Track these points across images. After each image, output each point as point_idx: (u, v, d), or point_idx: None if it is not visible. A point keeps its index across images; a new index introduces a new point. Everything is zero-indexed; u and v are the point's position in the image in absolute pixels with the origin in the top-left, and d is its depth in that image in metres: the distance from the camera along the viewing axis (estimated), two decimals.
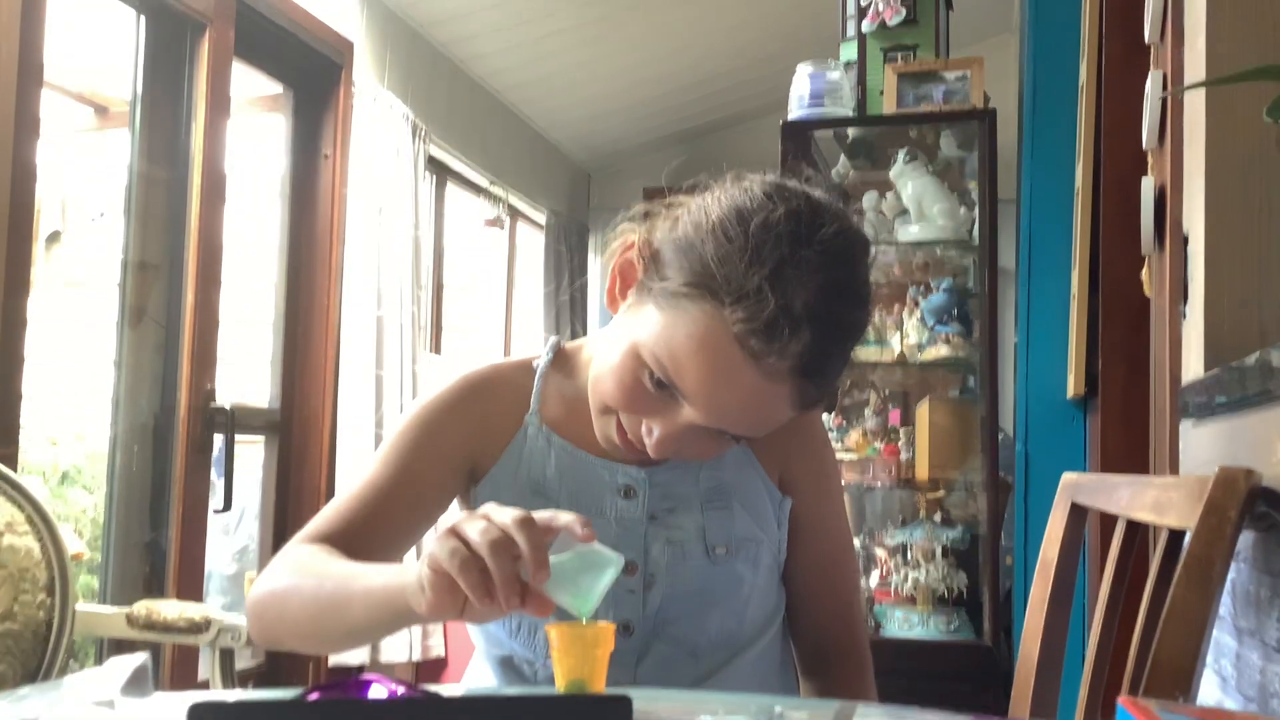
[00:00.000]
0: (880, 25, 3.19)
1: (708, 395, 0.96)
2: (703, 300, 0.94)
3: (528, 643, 1.11)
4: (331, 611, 0.93)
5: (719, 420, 0.98)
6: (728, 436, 1.01)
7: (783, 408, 0.98)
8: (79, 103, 3.82)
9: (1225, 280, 1.20)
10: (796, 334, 0.92)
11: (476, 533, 0.78)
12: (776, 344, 0.92)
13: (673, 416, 0.98)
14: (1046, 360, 2.84)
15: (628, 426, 1.02)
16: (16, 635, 1.77)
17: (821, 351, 0.94)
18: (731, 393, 0.95)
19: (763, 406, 0.97)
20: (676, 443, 1.00)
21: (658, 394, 0.98)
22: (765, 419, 1.00)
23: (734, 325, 0.92)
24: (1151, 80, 1.71)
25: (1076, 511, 1.25)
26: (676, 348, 0.95)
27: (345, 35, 3.44)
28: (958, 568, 3.06)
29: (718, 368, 0.94)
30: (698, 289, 0.94)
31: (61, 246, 4.24)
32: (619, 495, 1.10)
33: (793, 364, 0.93)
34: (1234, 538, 0.86)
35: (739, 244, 0.94)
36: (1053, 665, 1.19)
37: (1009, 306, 3.43)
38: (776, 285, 0.92)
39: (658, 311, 0.98)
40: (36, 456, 3.72)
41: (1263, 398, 0.96)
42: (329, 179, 3.39)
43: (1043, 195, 2.92)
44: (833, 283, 0.94)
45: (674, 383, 0.96)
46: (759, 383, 0.94)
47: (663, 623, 1.09)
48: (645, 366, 0.98)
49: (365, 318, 3.46)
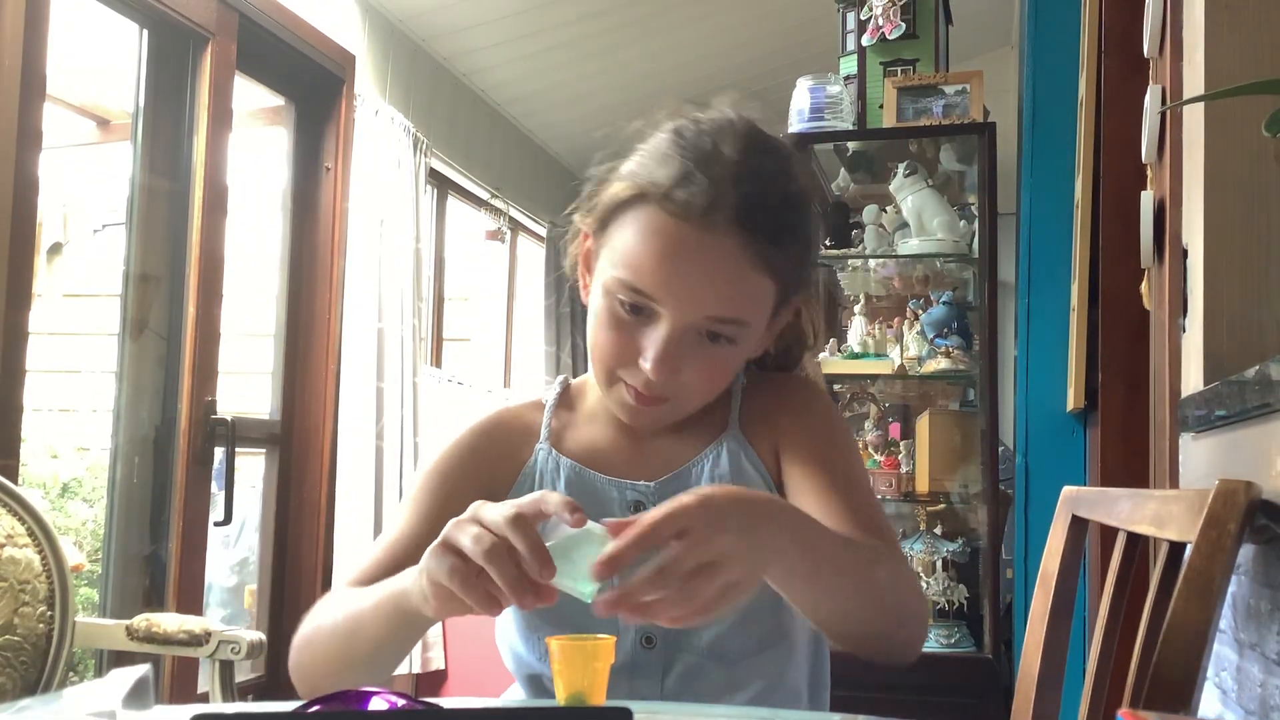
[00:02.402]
0: (880, 39, 3.20)
1: (667, 279, 0.99)
2: (633, 204, 1.01)
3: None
4: (350, 636, 0.96)
5: (692, 303, 0.99)
6: (722, 340, 1.02)
7: (745, 271, 1.00)
8: (81, 115, 3.83)
9: (1225, 293, 1.20)
10: (717, 182, 0.98)
11: (470, 541, 0.79)
12: (699, 192, 0.98)
13: (655, 329, 1.01)
14: (1046, 373, 2.84)
15: (628, 376, 1.04)
16: (16, 647, 1.77)
17: (751, 195, 0.99)
18: (686, 264, 0.99)
19: (722, 270, 0.99)
20: (672, 358, 1.01)
21: (636, 320, 1.02)
22: (735, 287, 1.01)
23: (662, 203, 0.99)
24: (1150, 94, 1.71)
25: (1077, 524, 1.25)
26: (625, 254, 1.01)
27: (347, 48, 3.46)
28: (958, 581, 3.05)
29: (661, 245, 0.99)
30: (628, 200, 1.02)
31: (63, 258, 4.26)
32: (630, 511, 1.10)
33: (727, 214, 0.98)
34: (1234, 551, 0.86)
35: (657, 148, 1.03)
36: (1054, 678, 1.19)
37: (1009, 319, 3.43)
38: (691, 155, 1.00)
39: (606, 246, 1.04)
40: (37, 468, 3.73)
41: (1262, 411, 0.96)
42: (330, 191, 3.40)
43: (1042, 208, 2.92)
44: (748, 137, 1.02)
45: (638, 289, 1.00)
46: (705, 241, 0.98)
47: (684, 631, 1.07)
48: (613, 297, 1.02)
49: (366, 330, 3.46)
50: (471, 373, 4.72)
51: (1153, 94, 1.70)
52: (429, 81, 4.04)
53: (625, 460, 1.15)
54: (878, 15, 3.20)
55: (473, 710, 0.85)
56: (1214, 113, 1.22)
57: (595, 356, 1.07)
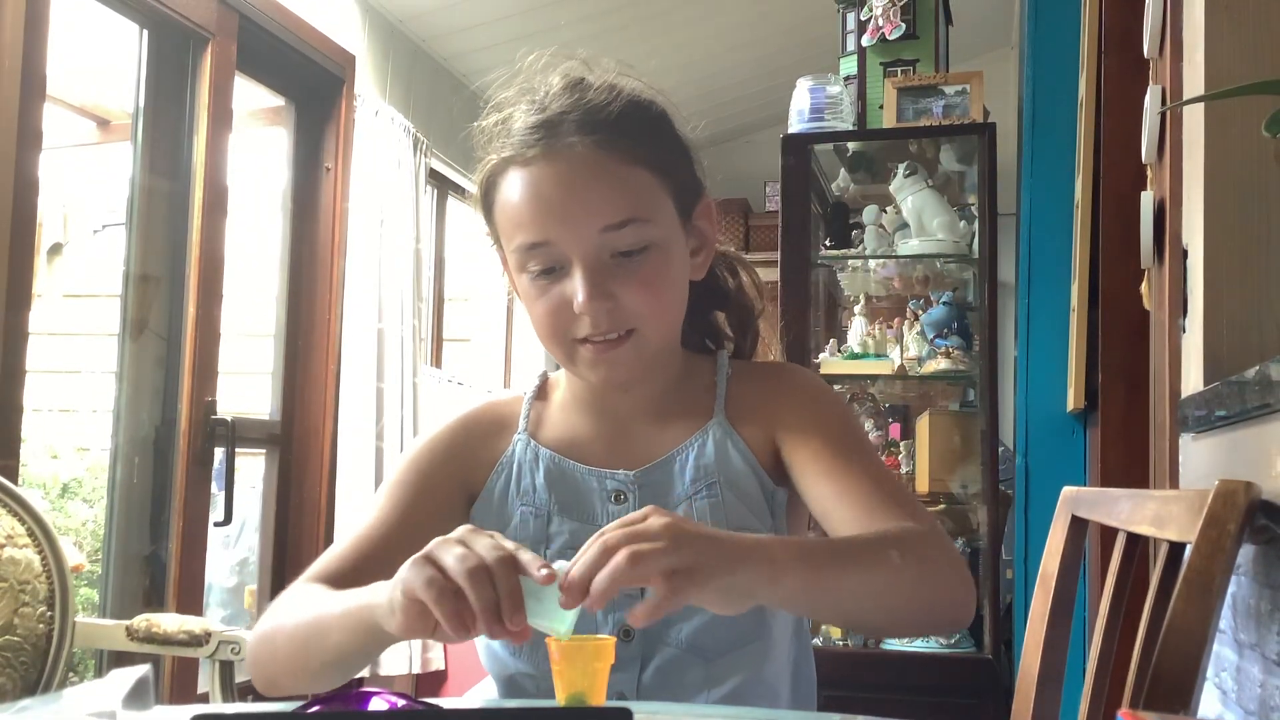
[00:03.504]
0: (880, 40, 3.20)
1: (547, 214, 1.02)
2: (492, 184, 1.07)
3: (530, 659, 1.10)
4: (311, 640, 0.95)
5: (581, 224, 1.01)
6: (636, 254, 1.03)
7: (609, 166, 1.02)
8: (81, 115, 3.83)
9: (1224, 294, 1.20)
10: (544, 111, 1.04)
11: (454, 560, 0.78)
12: (531, 129, 1.03)
13: (572, 271, 1.02)
14: (1046, 374, 2.84)
15: (577, 332, 1.05)
16: (16, 648, 1.77)
17: (584, 104, 1.04)
18: (554, 189, 1.02)
19: (588, 175, 1.02)
20: (599, 287, 1.02)
21: (553, 280, 1.04)
22: (608, 186, 1.02)
23: (509, 162, 1.04)
24: (1150, 94, 1.72)
25: (1077, 525, 1.25)
26: (507, 224, 1.05)
27: (347, 49, 3.46)
28: None
29: (525, 190, 1.03)
30: (487, 183, 1.07)
31: (63, 259, 4.25)
32: (610, 501, 1.10)
33: (566, 130, 1.02)
34: (1234, 551, 0.86)
35: (486, 134, 1.09)
36: (1053, 678, 1.19)
37: (1009, 320, 3.43)
38: (510, 115, 1.07)
39: (500, 238, 1.09)
40: (37, 469, 3.73)
41: (1262, 411, 0.96)
42: (330, 192, 3.40)
43: (1042, 209, 2.93)
44: (564, 74, 1.08)
45: (532, 243, 1.03)
46: (558, 161, 1.02)
47: (663, 625, 1.06)
48: (525, 272, 1.05)
49: (366, 330, 3.46)
50: (471, 373, 4.71)
51: (1153, 94, 1.71)
52: (429, 82, 4.04)
53: (605, 449, 1.14)
54: (878, 15, 3.20)
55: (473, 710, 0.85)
56: (1214, 113, 1.22)
57: (543, 335, 1.08)
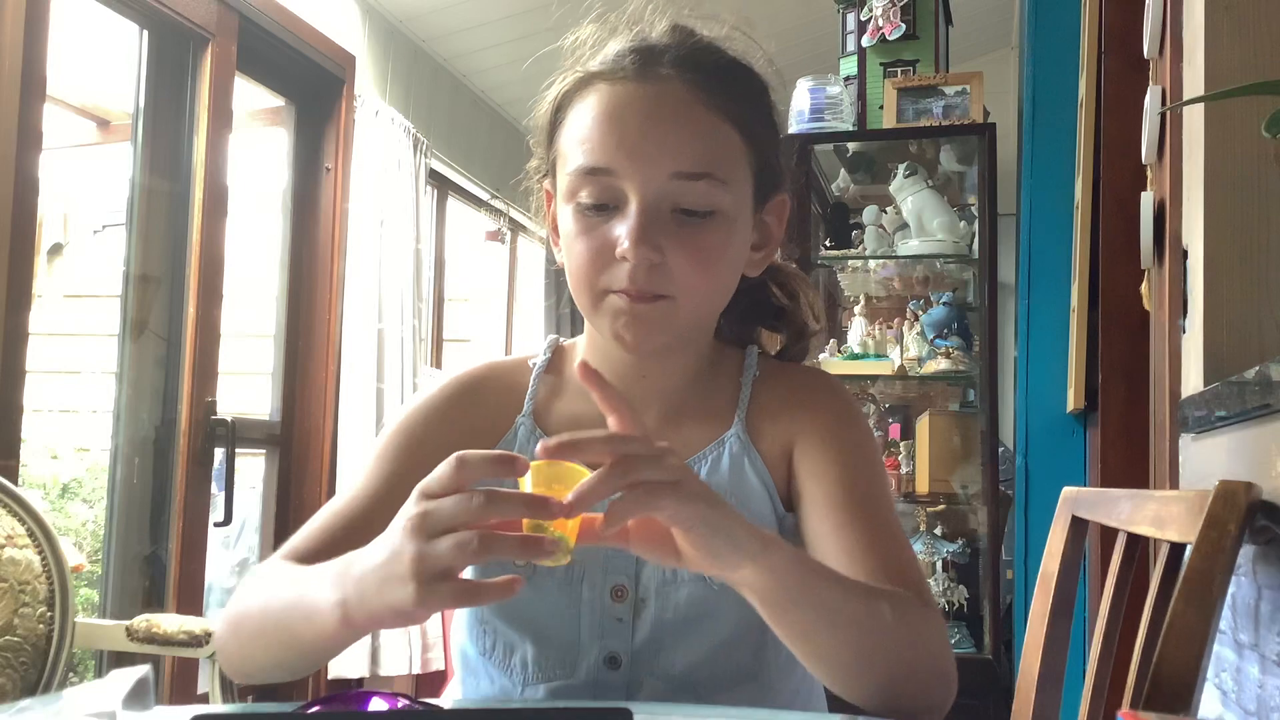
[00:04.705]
0: (880, 40, 3.20)
1: (618, 141, 0.92)
2: (570, 99, 0.96)
3: (503, 664, 1.01)
4: (283, 625, 0.84)
5: (652, 161, 0.91)
6: (699, 216, 0.92)
7: (699, 112, 0.93)
8: (81, 116, 3.83)
9: (1225, 294, 1.20)
10: (652, 42, 0.95)
11: (451, 504, 0.70)
12: (634, 52, 0.94)
13: (626, 212, 0.91)
14: (1046, 374, 2.84)
15: (612, 280, 0.93)
16: (16, 648, 1.77)
17: (694, 45, 0.96)
18: (635, 116, 0.92)
19: (675, 113, 0.92)
20: (650, 234, 0.90)
21: (604, 217, 0.93)
22: (693, 132, 0.93)
23: (598, 77, 0.95)
24: (1150, 95, 1.72)
25: (1077, 525, 1.25)
26: (573, 145, 0.94)
27: (347, 49, 3.46)
28: (958, 581, 3.05)
29: (603, 110, 0.93)
30: (565, 97, 0.97)
31: (63, 259, 4.26)
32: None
33: (669, 62, 0.93)
34: (1234, 551, 0.86)
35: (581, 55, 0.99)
36: (1054, 679, 1.19)
37: (1009, 320, 3.43)
38: (620, 38, 0.97)
39: (558, 161, 0.98)
40: (37, 469, 3.73)
41: (1262, 412, 0.96)
42: (330, 192, 3.40)
43: (1042, 209, 2.93)
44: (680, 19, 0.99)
45: (594, 168, 0.92)
46: (648, 90, 0.93)
47: (653, 653, 0.97)
48: (576, 202, 0.94)
49: (366, 331, 3.46)
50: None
51: (1153, 95, 1.71)
52: (429, 82, 4.04)
53: None
54: (878, 16, 3.20)
55: (473, 710, 0.85)
56: (1214, 113, 1.22)
57: (575, 277, 0.96)
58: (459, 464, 0.71)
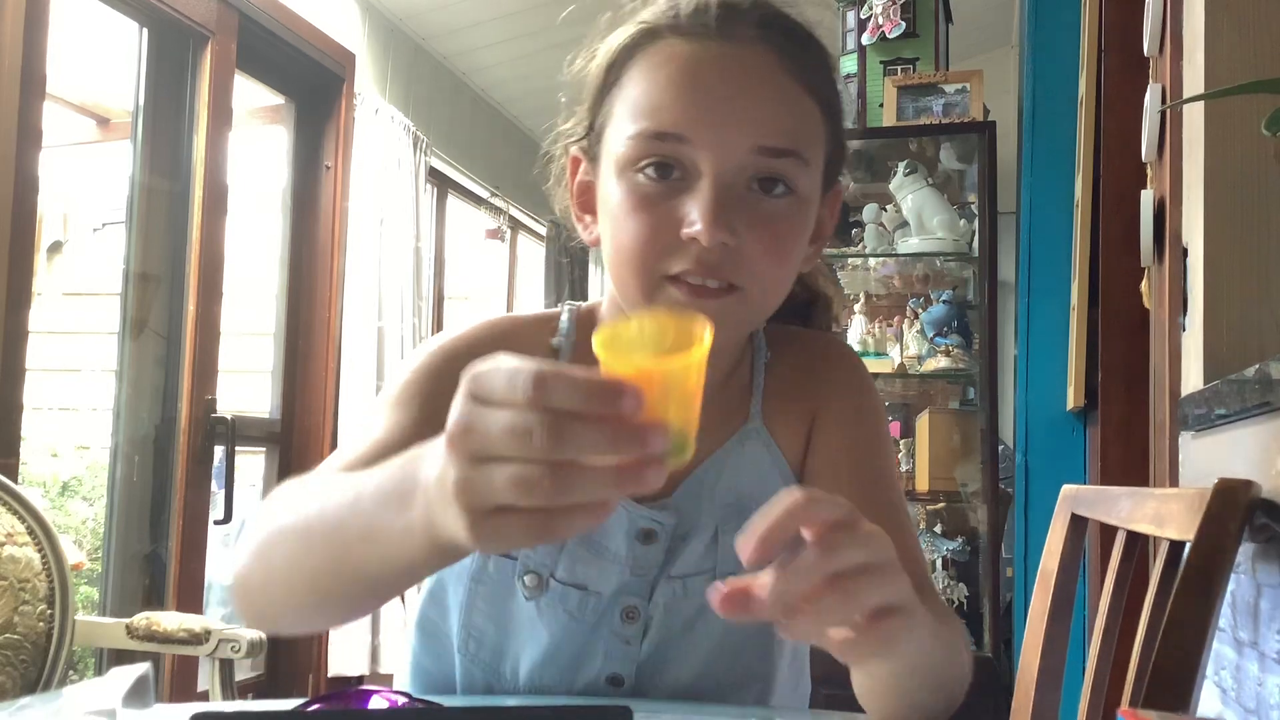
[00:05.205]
0: (880, 38, 3.20)
1: (697, 107, 0.80)
2: (636, 51, 0.85)
3: (485, 666, 0.95)
4: (331, 555, 0.65)
5: (734, 131, 0.80)
6: (779, 191, 0.82)
7: (787, 83, 0.82)
8: (81, 114, 3.83)
9: (1224, 292, 1.20)
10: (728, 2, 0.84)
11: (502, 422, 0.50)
12: (713, 5, 0.83)
13: (697, 185, 0.80)
14: (1046, 372, 2.84)
15: (673, 263, 0.81)
16: (16, 646, 1.77)
17: (772, 6, 0.85)
18: (718, 82, 0.81)
19: (762, 82, 0.82)
20: (725, 214, 0.79)
21: (667, 187, 0.81)
22: (779, 104, 0.82)
23: (673, 29, 0.83)
24: (1150, 93, 1.72)
25: (1077, 523, 1.25)
26: (639, 103, 0.83)
27: (347, 47, 3.46)
28: (958, 579, 3.05)
29: (682, 70, 0.82)
30: (628, 47, 0.86)
31: (63, 257, 4.25)
32: (638, 540, 0.92)
33: (751, 22, 0.83)
34: (1234, 549, 0.87)
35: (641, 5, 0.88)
36: (1053, 677, 1.19)
37: (1009, 318, 3.43)
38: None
39: (610, 120, 0.86)
40: (37, 467, 3.73)
41: (1262, 410, 0.96)
42: (330, 190, 3.40)
43: (1042, 207, 2.93)
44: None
45: (665, 132, 0.80)
46: (732, 52, 0.82)
47: (657, 669, 0.93)
48: (633, 167, 0.82)
49: (366, 328, 3.46)
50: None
51: (1153, 93, 1.71)
52: (429, 80, 4.04)
53: None
54: (878, 14, 3.20)
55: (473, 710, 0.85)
56: (1214, 112, 1.22)
57: (626, 259, 0.82)
58: (535, 380, 0.49)
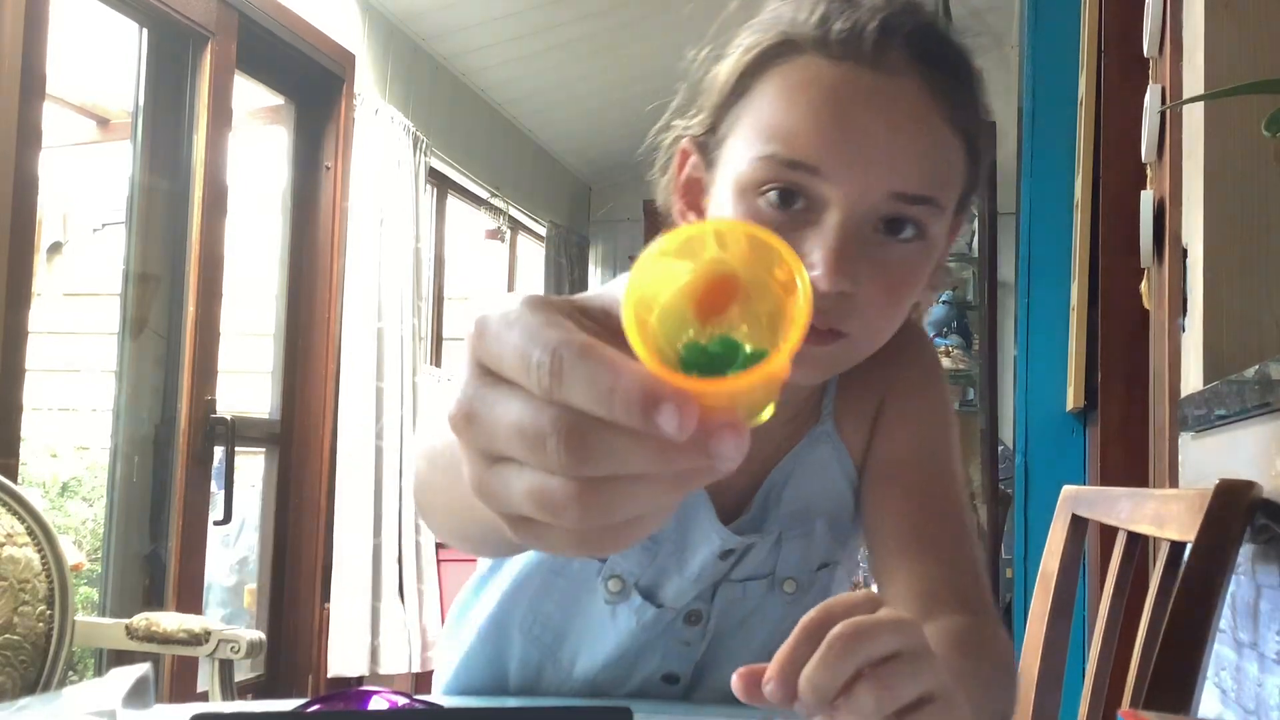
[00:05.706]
0: None
1: (836, 140, 0.73)
2: (771, 61, 0.77)
3: (547, 650, 0.94)
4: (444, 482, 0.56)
5: (872, 173, 0.73)
6: (907, 233, 0.75)
7: (936, 124, 0.75)
8: (81, 114, 3.83)
9: (1224, 293, 1.20)
10: (879, 12, 0.75)
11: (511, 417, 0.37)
12: (864, 24, 0.75)
13: (822, 221, 0.73)
14: (1046, 373, 2.84)
15: None
16: (16, 646, 1.77)
17: (926, 24, 0.77)
18: (862, 115, 0.73)
19: (909, 121, 0.74)
20: (850, 260, 0.73)
21: (788, 215, 0.74)
22: (925, 148, 0.75)
23: (816, 46, 0.75)
24: (1150, 94, 1.72)
25: (1077, 524, 1.25)
26: (770, 124, 0.75)
27: (347, 48, 3.46)
28: None
29: (823, 96, 0.74)
30: (764, 56, 0.77)
31: (63, 257, 4.26)
32: (719, 558, 0.89)
33: (903, 48, 0.74)
34: (1234, 550, 0.87)
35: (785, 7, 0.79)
36: (1053, 678, 1.19)
37: (1008, 319, 3.43)
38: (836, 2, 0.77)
39: (735, 131, 0.78)
40: (37, 468, 3.73)
41: (1262, 410, 0.96)
42: (330, 190, 3.40)
43: (1042, 208, 2.93)
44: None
45: (796, 161, 0.73)
46: (881, 85, 0.74)
47: (712, 668, 0.93)
48: (754, 189, 0.75)
49: (366, 329, 3.46)
50: None
51: (1152, 94, 1.71)
52: (429, 81, 4.04)
53: None
54: None
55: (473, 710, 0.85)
56: (1213, 112, 1.22)
57: None
58: (551, 365, 0.36)
